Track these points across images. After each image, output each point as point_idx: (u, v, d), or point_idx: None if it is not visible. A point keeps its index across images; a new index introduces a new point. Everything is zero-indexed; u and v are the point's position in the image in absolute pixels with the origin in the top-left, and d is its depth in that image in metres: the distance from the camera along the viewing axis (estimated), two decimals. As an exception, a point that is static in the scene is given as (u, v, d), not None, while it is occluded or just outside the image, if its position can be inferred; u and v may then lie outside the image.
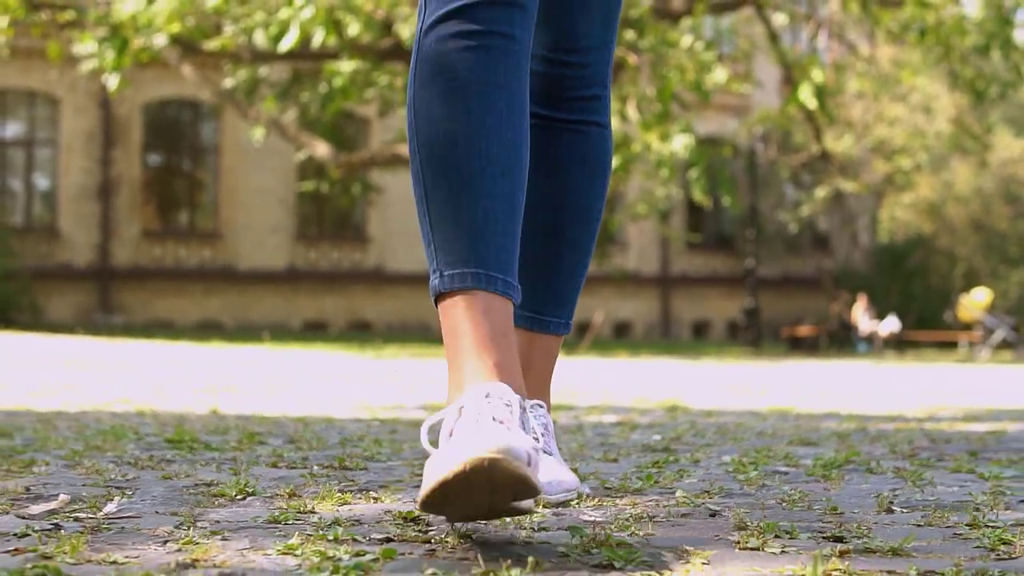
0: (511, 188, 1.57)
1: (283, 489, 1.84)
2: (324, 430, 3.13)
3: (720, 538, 1.45)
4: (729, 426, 3.50)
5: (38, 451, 2.39)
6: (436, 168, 1.55)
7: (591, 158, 1.85)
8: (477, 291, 1.53)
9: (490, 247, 1.54)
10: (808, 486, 1.99)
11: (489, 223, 1.54)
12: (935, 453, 2.63)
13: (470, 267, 1.53)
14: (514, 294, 1.56)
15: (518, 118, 1.58)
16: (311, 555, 1.28)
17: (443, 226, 1.55)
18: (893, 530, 1.50)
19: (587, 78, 1.83)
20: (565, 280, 1.84)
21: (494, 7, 1.57)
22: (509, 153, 1.57)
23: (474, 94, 1.55)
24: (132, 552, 1.30)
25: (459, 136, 1.54)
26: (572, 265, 1.85)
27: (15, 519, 1.51)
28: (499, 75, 1.56)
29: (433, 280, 1.58)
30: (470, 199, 1.53)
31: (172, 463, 2.22)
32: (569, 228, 1.83)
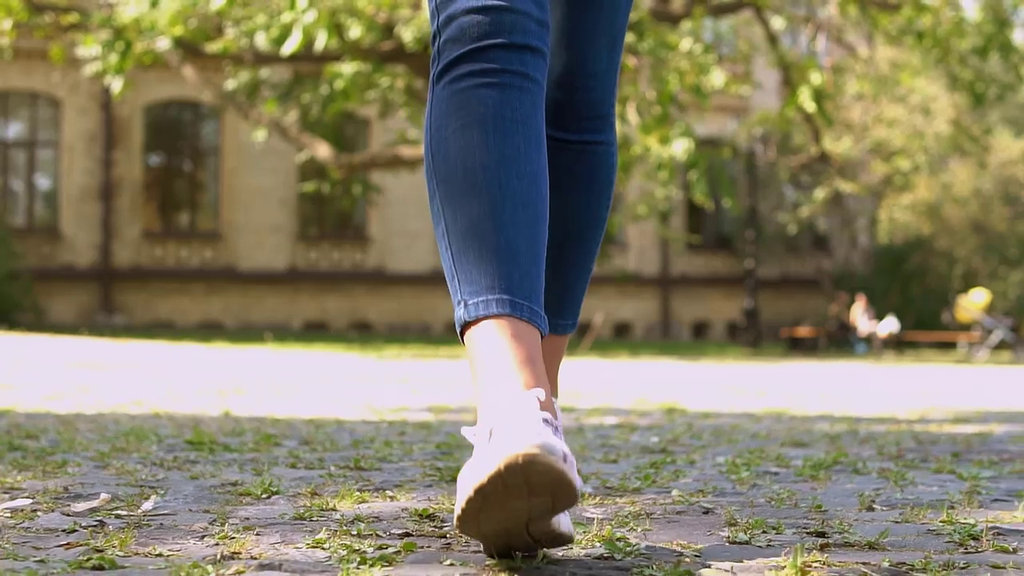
0: (533, 218, 1.55)
1: (304, 488, 1.96)
2: (335, 432, 3.25)
3: (712, 533, 1.57)
4: (725, 428, 3.62)
5: (66, 452, 2.51)
6: (456, 202, 1.53)
7: (597, 175, 1.87)
8: (503, 317, 1.48)
9: (513, 275, 1.50)
10: (796, 486, 2.11)
11: (512, 253, 1.51)
12: (920, 454, 2.75)
13: (495, 294, 1.49)
14: (541, 324, 1.51)
15: (536, 152, 1.58)
16: (338, 548, 1.41)
17: (465, 257, 1.52)
18: (872, 526, 1.63)
19: (594, 101, 1.85)
20: (571, 284, 1.86)
21: (508, 49, 1.58)
22: (529, 185, 1.55)
23: (491, 128, 1.55)
24: (174, 546, 1.42)
25: (477, 169, 1.53)
26: (578, 270, 1.87)
27: (61, 516, 1.63)
28: (516, 111, 1.57)
29: (458, 311, 1.51)
30: (491, 229, 1.51)
31: (196, 464, 2.34)
32: (575, 238, 1.85)
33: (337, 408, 4.40)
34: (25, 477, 2.03)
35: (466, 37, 1.58)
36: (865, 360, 17.63)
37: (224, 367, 8.56)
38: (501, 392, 1.41)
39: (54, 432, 3.00)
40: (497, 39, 1.57)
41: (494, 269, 1.49)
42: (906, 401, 5.75)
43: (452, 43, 1.59)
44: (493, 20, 1.57)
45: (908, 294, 26.32)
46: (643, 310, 26.70)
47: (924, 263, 26.54)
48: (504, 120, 1.55)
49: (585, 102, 1.84)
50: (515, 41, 1.58)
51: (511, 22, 1.58)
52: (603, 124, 1.87)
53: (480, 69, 1.57)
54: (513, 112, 1.56)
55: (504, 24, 1.58)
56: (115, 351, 10.75)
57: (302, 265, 24.04)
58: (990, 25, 15.80)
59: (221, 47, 15.10)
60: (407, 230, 24.43)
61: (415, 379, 7.53)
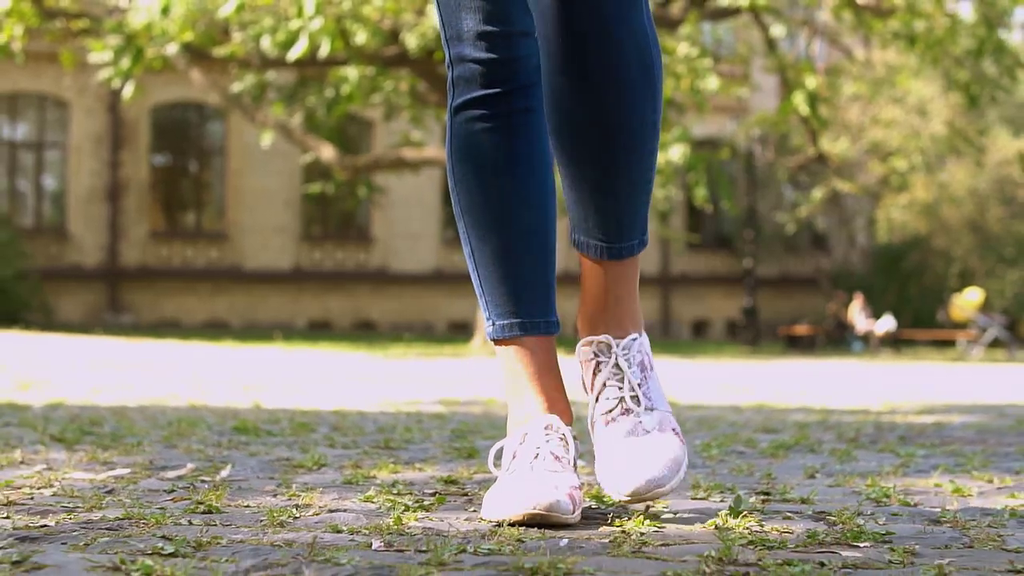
0: (542, 241, 1.84)
1: (347, 462, 2.36)
2: (360, 421, 3.65)
3: (679, 493, 1.96)
4: (709, 418, 4.02)
5: (134, 436, 2.90)
6: (480, 233, 1.83)
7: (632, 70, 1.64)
8: (524, 337, 1.83)
9: (530, 297, 1.83)
10: (757, 461, 2.50)
11: (527, 278, 1.83)
12: (873, 438, 3.14)
13: (516, 318, 1.83)
14: (554, 328, 1.85)
15: (541, 180, 1.83)
16: (384, 502, 1.80)
17: (490, 282, 1.84)
18: (808, 488, 2.02)
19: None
20: (630, 203, 1.76)
21: (512, 95, 1.80)
22: (537, 213, 1.83)
23: (502, 170, 1.81)
24: (255, 501, 1.81)
25: (494, 207, 1.82)
26: (634, 187, 1.73)
27: (158, 481, 2.02)
28: (520, 149, 1.81)
29: (488, 327, 1.86)
30: (509, 261, 1.82)
31: (248, 445, 2.73)
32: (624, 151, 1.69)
33: (356, 402, 4.79)
34: (112, 454, 2.42)
35: (475, 83, 1.81)
36: (861, 358, 17.86)
37: (240, 365, 8.93)
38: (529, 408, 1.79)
39: (112, 421, 3.38)
40: (503, 87, 1.81)
41: (515, 296, 1.83)
42: (885, 395, 6.12)
43: (463, 84, 1.82)
44: (499, 71, 1.80)
45: (906, 293, 26.51)
46: (643, 309, 25.86)
47: (921, 262, 26.70)
48: (513, 162, 1.81)
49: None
50: (519, 85, 1.81)
51: (514, 71, 1.80)
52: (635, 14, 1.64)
53: (491, 114, 1.81)
54: (518, 152, 1.82)
55: (508, 73, 1.80)
56: (132, 350, 11.11)
57: (306, 265, 24.26)
58: (983, 28, 15.99)
59: (228, 51, 15.35)
60: (410, 231, 24.64)
61: (423, 376, 7.89)
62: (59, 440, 2.71)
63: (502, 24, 1.79)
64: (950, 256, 26.33)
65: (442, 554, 1.33)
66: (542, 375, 1.82)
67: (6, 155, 23.43)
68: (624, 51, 1.62)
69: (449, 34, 1.84)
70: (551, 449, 1.73)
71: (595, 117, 1.66)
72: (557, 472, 1.69)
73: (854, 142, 24.81)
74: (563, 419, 1.80)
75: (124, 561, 1.25)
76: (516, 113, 1.82)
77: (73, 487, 1.89)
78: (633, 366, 1.79)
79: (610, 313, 1.81)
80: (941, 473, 2.24)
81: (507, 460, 1.75)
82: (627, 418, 1.75)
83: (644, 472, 1.66)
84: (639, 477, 1.66)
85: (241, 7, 13.77)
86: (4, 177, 23.35)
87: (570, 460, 1.75)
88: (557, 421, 1.78)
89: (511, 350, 1.83)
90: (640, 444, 1.71)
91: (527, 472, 1.69)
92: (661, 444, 1.70)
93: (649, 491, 1.65)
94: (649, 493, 1.66)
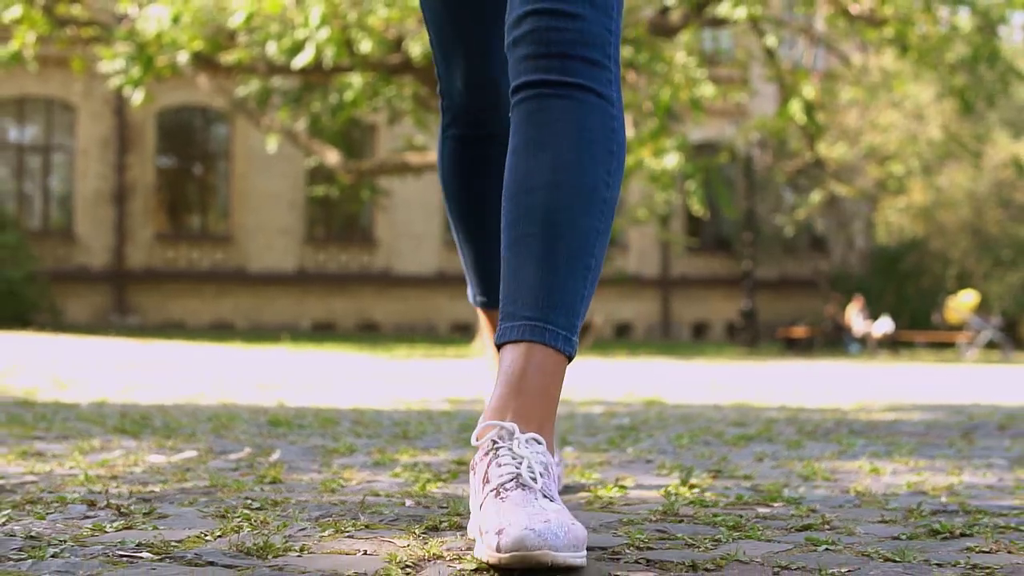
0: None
1: (373, 449, 2.81)
2: (376, 417, 4.09)
3: (646, 472, 2.41)
4: (689, 415, 4.46)
5: (183, 429, 3.34)
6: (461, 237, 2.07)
7: (591, 131, 1.57)
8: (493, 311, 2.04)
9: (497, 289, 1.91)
10: (719, 449, 2.95)
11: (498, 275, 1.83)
12: (827, 431, 3.58)
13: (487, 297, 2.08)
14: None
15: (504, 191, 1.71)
16: (409, 477, 2.24)
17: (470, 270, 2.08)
18: (753, 469, 2.46)
19: (584, 35, 1.58)
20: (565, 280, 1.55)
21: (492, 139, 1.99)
22: None
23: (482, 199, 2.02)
24: (307, 475, 2.25)
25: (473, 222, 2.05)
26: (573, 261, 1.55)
27: (222, 462, 2.47)
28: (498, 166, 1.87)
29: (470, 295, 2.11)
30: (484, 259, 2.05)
31: (286, 435, 3.18)
32: (568, 215, 1.55)
33: (369, 400, 5.24)
34: (174, 442, 2.87)
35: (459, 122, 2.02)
36: (858, 359, 18.08)
37: (254, 366, 9.36)
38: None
39: (159, 417, 3.83)
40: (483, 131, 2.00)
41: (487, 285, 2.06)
42: (864, 395, 6.56)
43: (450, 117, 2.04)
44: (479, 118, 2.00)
45: (903, 295, 26.71)
46: (644, 311, 27.11)
47: (919, 264, 26.89)
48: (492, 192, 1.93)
49: (573, 32, 1.58)
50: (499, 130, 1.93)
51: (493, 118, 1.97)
52: (599, 74, 1.59)
53: (473, 155, 2.03)
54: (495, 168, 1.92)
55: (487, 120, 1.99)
56: (148, 352, 11.54)
57: (310, 267, 24.53)
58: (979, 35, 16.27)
59: (235, 58, 15.68)
60: (413, 233, 24.89)
61: (429, 376, 8.32)
62: (123, 431, 3.15)
63: (486, 73, 1.93)
64: (948, 259, 26.51)
65: (458, 508, 1.77)
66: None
67: (14, 158, 23.70)
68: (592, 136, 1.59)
69: (440, 71, 2.01)
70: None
71: (556, 177, 1.56)
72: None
73: (852, 146, 24.92)
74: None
75: (227, 511, 1.70)
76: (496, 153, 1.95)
77: (155, 465, 2.34)
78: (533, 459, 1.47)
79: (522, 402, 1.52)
80: (868, 457, 2.69)
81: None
82: (522, 491, 1.43)
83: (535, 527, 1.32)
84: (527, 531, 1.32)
85: (250, 18, 14.17)
86: (12, 180, 23.60)
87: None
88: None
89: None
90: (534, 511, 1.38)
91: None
92: (559, 515, 1.37)
93: (539, 548, 1.31)
94: (538, 552, 1.31)
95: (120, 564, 1.32)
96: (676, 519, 1.72)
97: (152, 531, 1.54)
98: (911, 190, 25.61)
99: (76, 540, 1.46)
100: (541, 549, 1.30)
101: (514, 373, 1.53)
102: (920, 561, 1.40)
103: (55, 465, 2.31)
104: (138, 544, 1.43)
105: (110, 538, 1.48)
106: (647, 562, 1.38)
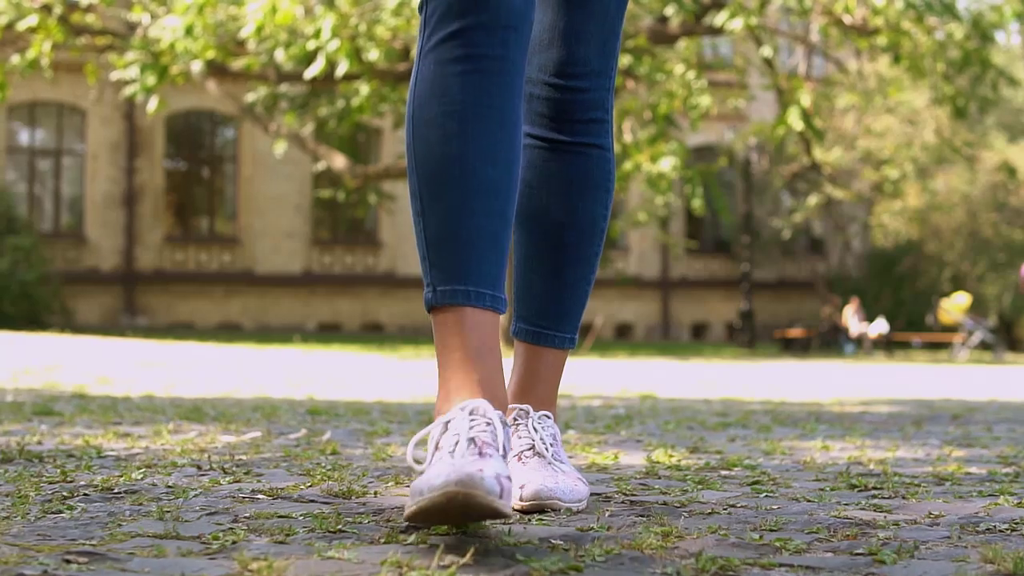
0: (503, 206, 1.67)
1: (405, 431, 3.30)
2: (400, 408, 4.59)
3: (636, 449, 2.90)
4: (679, 407, 4.96)
5: (238, 416, 3.83)
6: (434, 188, 1.66)
7: (593, 180, 1.96)
8: (466, 307, 1.63)
9: (480, 264, 1.64)
10: (700, 432, 3.45)
11: (481, 241, 1.64)
12: (796, 420, 4.08)
13: (460, 284, 1.64)
14: (500, 306, 1.67)
15: (510, 136, 1.69)
16: (441, 452, 2.73)
17: (438, 243, 1.65)
18: (724, 446, 2.96)
19: (588, 102, 1.94)
20: (571, 295, 1.96)
21: (489, 30, 1.66)
22: (502, 172, 1.67)
23: (470, 117, 1.66)
24: (357, 450, 2.74)
25: (455, 158, 1.65)
26: (577, 281, 1.97)
27: (284, 440, 2.96)
28: (493, 96, 1.67)
29: (427, 293, 1.67)
30: (464, 219, 1.64)
31: (327, 421, 3.67)
32: (575, 246, 1.95)
33: (389, 394, 5.73)
34: (236, 427, 3.36)
35: (450, 15, 1.67)
36: (852, 359, 18.34)
37: (273, 365, 9.83)
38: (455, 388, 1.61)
39: (209, 407, 4.32)
40: (480, 18, 1.66)
41: (464, 259, 1.65)
42: (844, 391, 7.05)
43: (437, 19, 1.68)
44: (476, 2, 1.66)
45: (900, 297, 26.97)
46: (644, 312, 27.39)
47: (915, 267, 27.12)
48: (482, 107, 1.67)
49: (579, 102, 1.95)
50: (499, 23, 1.67)
51: (493, 4, 1.66)
52: (599, 128, 1.97)
53: (463, 55, 1.66)
54: (490, 99, 1.67)
55: (486, 5, 1.66)
56: (166, 352, 12.00)
57: (316, 269, 24.86)
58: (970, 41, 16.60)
59: (245, 65, 16.06)
60: None
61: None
62: (186, 418, 3.64)
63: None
64: (943, 261, 26.77)
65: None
66: (479, 354, 1.63)
67: (25, 162, 24.02)
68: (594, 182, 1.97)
69: None
70: (475, 435, 1.52)
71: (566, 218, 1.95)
72: (481, 458, 1.47)
73: (848, 151, 25.19)
74: (494, 403, 1.60)
75: (309, 471, 2.20)
76: (491, 59, 1.68)
77: (230, 443, 2.83)
78: (546, 432, 1.90)
79: (536, 391, 1.95)
80: (823, 438, 3.19)
81: (430, 452, 1.57)
82: (538, 459, 1.85)
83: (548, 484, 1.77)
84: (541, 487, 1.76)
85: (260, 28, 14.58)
86: (24, 183, 23.87)
87: (498, 448, 1.53)
88: (485, 405, 1.56)
89: (448, 321, 1.65)
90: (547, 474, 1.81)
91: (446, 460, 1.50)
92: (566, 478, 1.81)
93: (549, 498, 1.75)
94: (548, 499, 1.76)
95: (245, 501, 1.81)
96: (655, 477, 2.22)
97: (257, 483, 2.03)
98: (906, 194, 25.79)
99: (204, 488, 1.96)
100: (551, 499, 1.74)
101: (528, 369, 1.96)
102: (833, 502, 1.89)
103: (148, 443, 2.80)
104: (252, 490, 1.93)
105: (227, 488, 1.97)
106: (631, 503, 1.88)
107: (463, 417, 1.55)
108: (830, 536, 1.53)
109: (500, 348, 1.68)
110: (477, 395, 1.59)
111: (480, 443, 1.50)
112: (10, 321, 18.65)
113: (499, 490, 1.42)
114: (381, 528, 1.55)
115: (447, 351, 1.64)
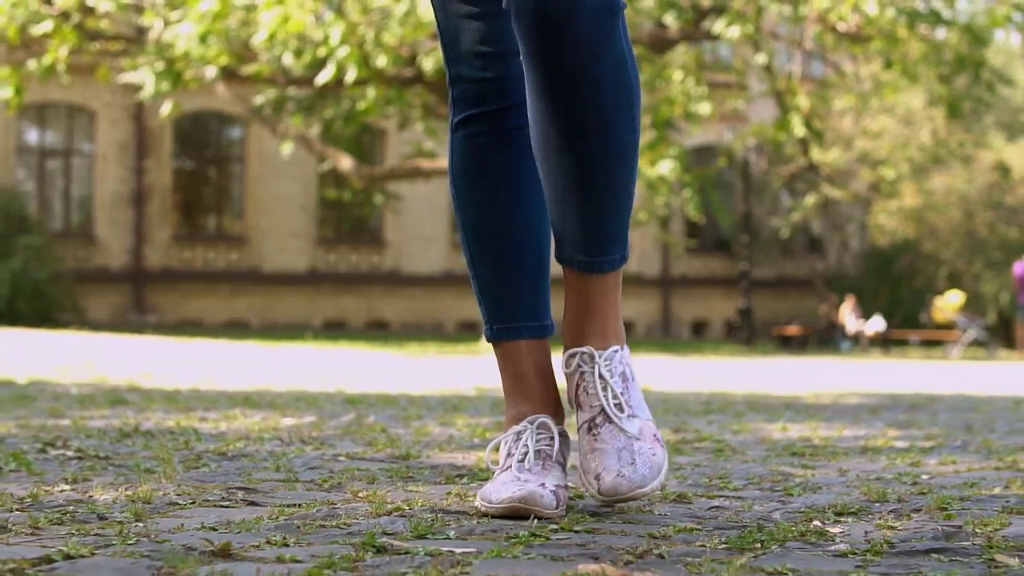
0: (536, 258, 1.96)
1: (435, 416, 3.90)
2: (423, 399, 5.18)
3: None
4: (671, 398, 5.56)
5: (288, 405, 4.42)
6: (479, 245, 1.98)
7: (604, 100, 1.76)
8: (519, 341, 1.95)
9: (524, 305, 1.95)
10: (683, 417, 4.05)
11: (522, 291, 1.95)
12: (772, 408, 4.67)
13: (511, 323, 1.95)
14: (548, 332, 1.97)
15: (539, 199, 1.94)
16: (470, 430, 3.32)
17: (489, 290, 1.98)
18: (701, 427, 3.56)
19: None
20: (607, 216, 1.83)
21: (503, 113, 1.95)
22: (533, 232, 1.96)
23: (501, 189, 1.96)
24: (400, 430, 3.33)
25: (493, 223, 1.96)
26: (613, 195, 1.82)
27: (337, 422, 3.56)
28: (519, 165, 1.95)
29: (486, 329, 1.98)
30: (504, 273, 1.96)
31: (366, 408, 4.26)
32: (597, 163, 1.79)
33: (407, 388, 6.31)
34: (291, 412, 3.96)
35: (473, 102, 1.95)
36: (847, 356, 18.58)
37: (289, 361, 10.33)
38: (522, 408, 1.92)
39: (256, 398, 4.91)
40: (499, 104, 1.95)
41: (511, 303, 1.97)
42: (827, 385, 7.62)
43: (462, 102, 1.97)
44: (494, 90, 1.94)
45: (897, 295, 27.11)
46: (644, 310, 27.51)
47: (912, 265, 27.28)
48: (511, 179, 1.96)
49: None
50: (514, 102, 1.94)
51: (508, 89, 1.93)
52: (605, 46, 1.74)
53: (488, 131, 1.96)
54: (516, 167, 1.95)
55: (503, 92, 1.94)
56: (184, 349, 12.48)
57: (322, 267, 25.06)
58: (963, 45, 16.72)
59: (255, 69, 16.43)
60: (421, 234, 25.38)
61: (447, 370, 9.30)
62: (245, 406, 4.23)
63: (497, 44, 1.91)
64: (939, 260, 26.96)
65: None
66: (535, 376, 1.93)
67: (36, 162, 24.30)
68: (602, 87, 1.74)
69: (449, 54, 1.96)
70: (540, 447, 1.85)
71: (575, 143, 1.77)
72: (544, 471, 1.81)
73: (845, 151, 25.48)
74: (554, 420, 1.91)
75: (372, 441, 2.80)
76: (512, 130, 1.95)
77: (292, 425, 3.43)
78: (615, 376, 1.83)
79: (593, 325, 1.84)
80: (785, 421, 3.79)
81: (502, 456, 1.89)
82: (610, 426, 1.81)
83: (624, 473, 1.75)
84: (619, 478, 1.75)
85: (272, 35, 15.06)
86: (34, 183, 24.17)
87: (556, 459, 1.86)
88: (549, 421, 1.88)
89: (506, 351, 1.96)
90: (622, 449, 1.79)
91: (517, 469, 1.81)
92: (642, 448, 1.78)
93: (631, 491, 1.75)
94: (630, 493, 1.75)
95: (330, 461, 2.41)
96: (640, 447, 2.82)
97: (332, 450, 2.63)
98: (903, 193, 26.01)
99: (296, 453, 2.56)
100: (632, 491, 1.74)
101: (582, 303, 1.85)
102: (773, 463, 2.49)
103: (227, 424, 3.40)
104: (333, 455, 2.53)
105: (314, 453, 2.58)
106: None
107: (531, 431, 1.86)
108: (761, 481, 2.13)
109: (552, 367, 1.95)
110: (540, 411, 1.89)
111: (543, 456, 1.82)
112: (24, 319, 18.87)
113: (555, 503, 1.74)
114: (439, 476, 2.16)
115: (508, 375, 1.94)
